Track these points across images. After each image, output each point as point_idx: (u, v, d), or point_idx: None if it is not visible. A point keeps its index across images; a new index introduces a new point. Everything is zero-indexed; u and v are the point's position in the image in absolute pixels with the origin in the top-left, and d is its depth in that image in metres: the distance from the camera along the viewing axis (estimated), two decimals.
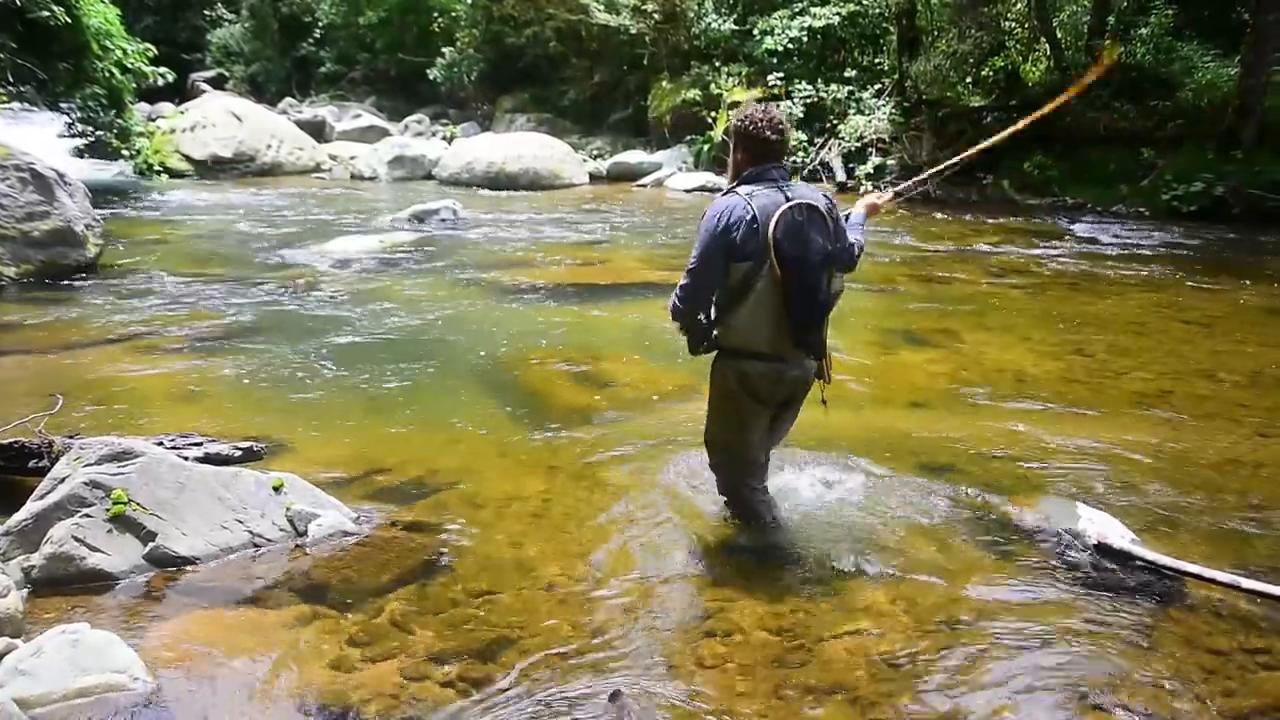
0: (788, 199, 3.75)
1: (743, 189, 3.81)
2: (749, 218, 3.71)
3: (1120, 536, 4.09)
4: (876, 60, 18.84)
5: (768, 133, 3.82)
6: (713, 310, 3.98)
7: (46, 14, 13.30)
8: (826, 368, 4.12)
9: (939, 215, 14.85)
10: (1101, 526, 4.17)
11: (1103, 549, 4.05)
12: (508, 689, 3.18)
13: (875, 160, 16.87)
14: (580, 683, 3.20)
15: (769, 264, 3.73)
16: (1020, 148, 15.97)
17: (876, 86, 17.96)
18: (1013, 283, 10.14)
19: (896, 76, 17.60)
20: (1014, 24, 17.40)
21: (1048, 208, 15.22)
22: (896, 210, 15.34)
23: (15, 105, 18.51)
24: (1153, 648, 3.44)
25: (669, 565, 4.07)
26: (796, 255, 3.72)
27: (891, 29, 18.24)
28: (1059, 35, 16.72)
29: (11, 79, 14.47)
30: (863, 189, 16.64)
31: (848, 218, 4.32)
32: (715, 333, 3.99)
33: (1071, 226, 13.72)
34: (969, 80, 16.41)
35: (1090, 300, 9.35)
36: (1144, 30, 15.92)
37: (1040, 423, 5.78)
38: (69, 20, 13.69)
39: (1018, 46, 17.47)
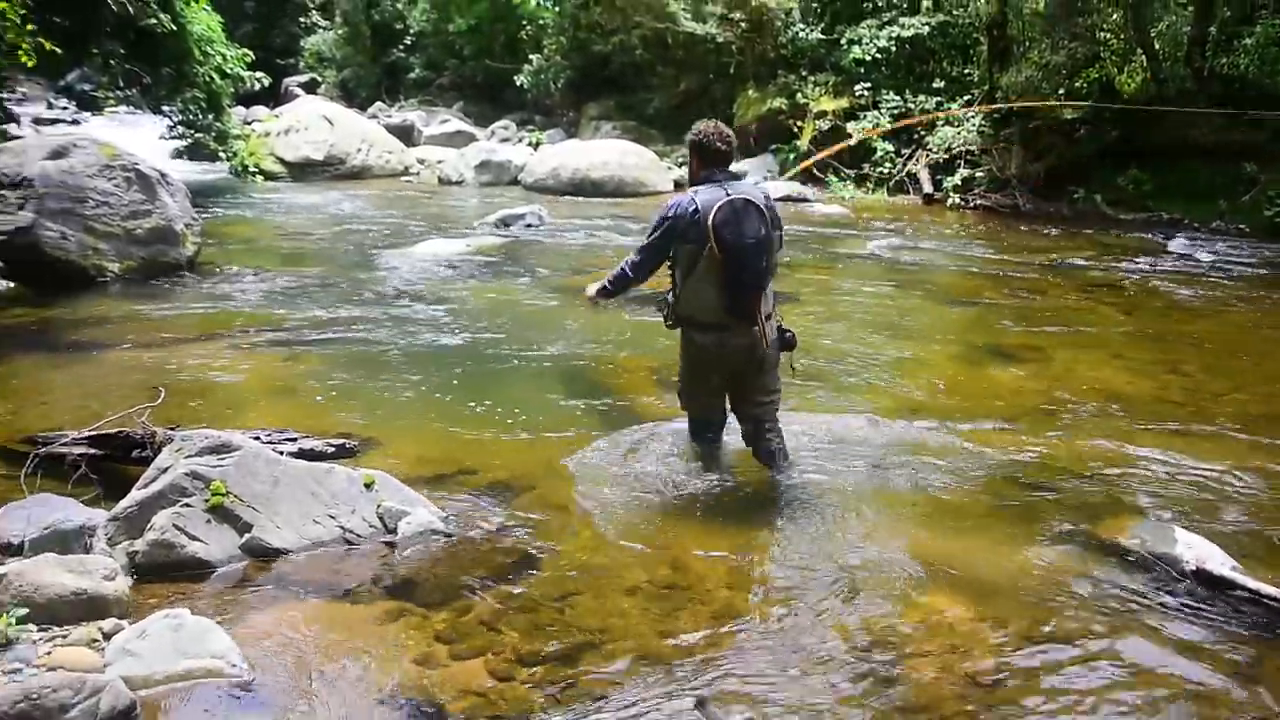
0: (727, 194, 4.56)
1: (692, 189, 4.69)
2: (692, 210, 4.55)
3: (1220, 563, 3.98)
4: (966, 71, 18.58)
5: (718, 144, 4.73)
6: (675, 290, 4.79)
7: (154, 22, 13.75)
8: (766, 333, 4.77)
9: (1026, 228, 14.59)
10: (1200, 552, 4.06)
11: (1201, 576, 3.95)
12: (593, 693, 3.21)
13: (964, 172, 16.62)
14: (664, 689, 3.21)
15: (710, 246, 4.51)
16: (1114, 160, 15.66)
17: (965, 97, 17.71)
18: (1104, 299, 9.92)
19: (986, 87, 17.33)
20: (1109, 35, 17.02)
21: (1141, 223, 14.84)
22: (986, 223, 15.13)
23: (121, 108, 19.22)
24: (1255, 679, 3.35)
25: (754, 573, 4.08)
26: (732, 240, 4.52)
27: (982, 39, 17.96)
28: (1156, 46, 16.32)
29: (120, 83, 15.01)
30: (950, 202, 16.46)
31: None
32: (676, 306, 4.81)
33: (1167, 243, 13.36)
34: (1061, 91, 16.06)
35: (1186, 319, 9.12)
36: (1248, 40, 15.43)
37: (1134, 443, 5.64)
38: (174, 28, 14.15)
39: (1113, 58, 17.08)
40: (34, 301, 8.54)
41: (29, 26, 9.28)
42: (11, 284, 8.69)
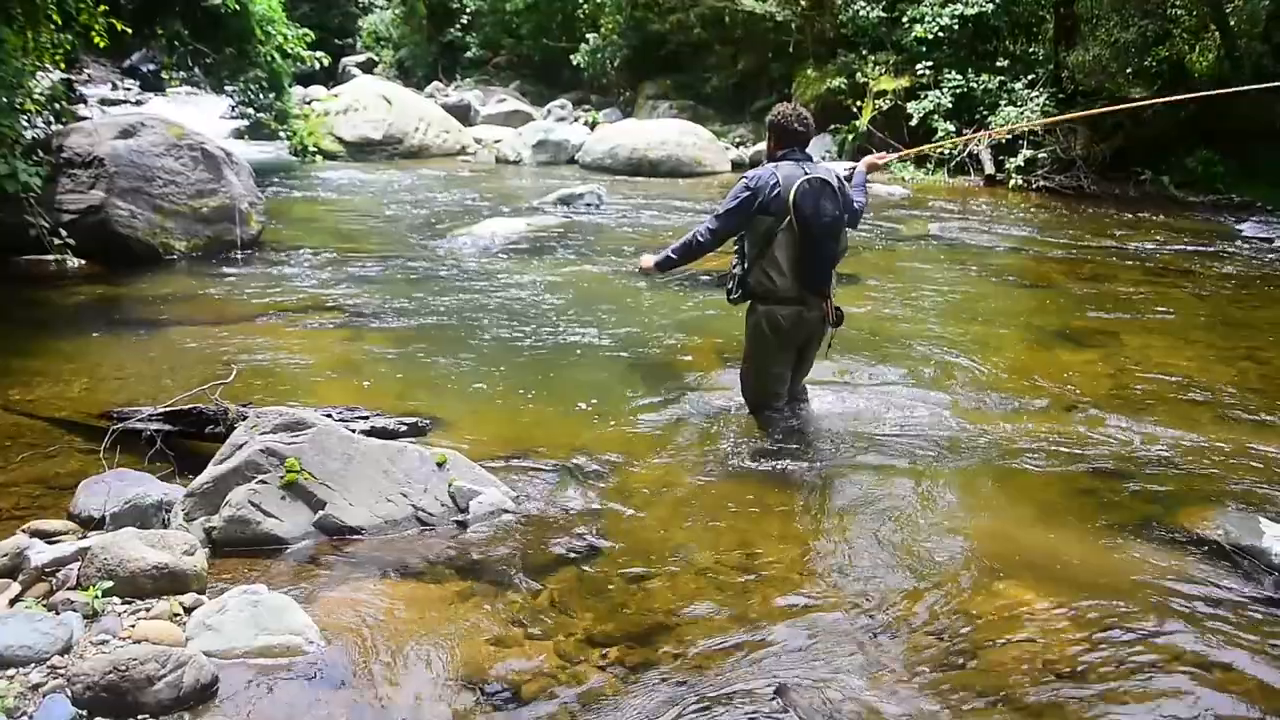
0: (805, 173, 4.83)
1: (772, 164, 4.95)
2: (774, 182, 4.82)
3: None
4: (1030, 50, 18.22)
5: (795, 125, 4.99)
6: (745, 265, 5.02)
7: (219, 2, 13.87)
8: (831, 309, 5.08)
9: (1094, 211, 14.31)
10: None
11: None
12: (666, 677, 3.19)
13: (1026, 153, 16.31)
14: (740, 675, 3.18)
15: (789, 220, 4.78)
16: (1183, 142, 15.29)
17: (1030, 77, 17.34)
18: (1176, 283, 9.69)
19: (1052, 66, 16.99)
20: (1181, 11, 16.57)
21: (1212, 205, 14.49)
22: (1050, 205, 14.87)
23: (184, 88, 19.47)
24: None
25: (827, 558, 4.04)
26: (810, 216, 4.79)
27: (1048, 17, 17.61)
28: (1232, 23, 15.88)
29: (184, 63, 15.19)
30: (1012, 183, 16.17)
31: (850, 177, 5.41)
32: (750, 282, 5.00)
33: (1239, 226, 13.03)
34: (1130, 71, 15.70)
35: (1262, 304, 8.90)
36: None
37: (1213, 430, 5.51)
38: (237, 7, 14.25)
39: (1184, 35, 16.64)
40: (104, 279, 8.68)
41: (101, 8, 9.39)
42: (82, 261, 8.84)
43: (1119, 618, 3.57)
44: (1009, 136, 16.56)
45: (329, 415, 4.69)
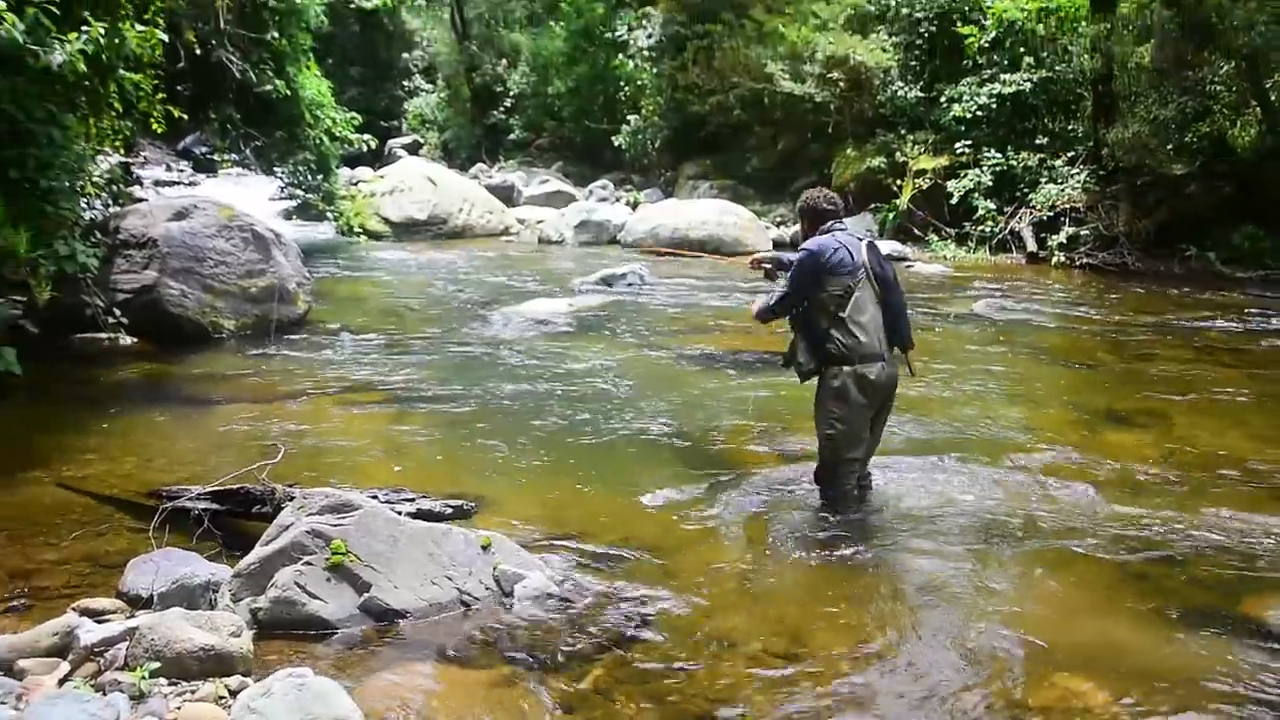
0: (859, 238, 5.09)
1: (825, 235, 5.09)
2: (837, 247, 4.98)
3: None
4: (1069, 127, 18.26)
5: (824, 204, 5.23)
6: (817, 334, 5.03)
7: (270, 88, 14.31)
8: (910, 361, 5.32)
9: (1139, 288, 14.19)
10: None
11: None
12: None
13: (1069, 230, 16.27)
14: None
15: (865, 279, 4.95)
16: (1228, 217, 15.17)
17: (1070, 154, 17.39)
18: (1224, 361, 9.55)
19: (1091, 143, 17.01)
20: (1220, 87, 16.58)
21: (1259, 281, 14.31)
22: (1093, 283, 14.78)
23: (235, 170, 19.97)
24: None
25: (877, 647, 3.96)
26: (880, 273, 5.03)
27: (1086, 95, 17.67)
28: (1272, 98, 15.85)
29: (236, 146, 15.64)
30: (1054, 260, 16.11)
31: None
32: (830, 347, 4.98)
33: None
34: (1170, 147, 15.68)
35: None
36: None
37: (1267, 513, 5.38)
38: (288, 93, 14.70)
39: (1225, 110, 16.63)
40: (155, 357, 8.85)
41: (160, 96, 9.70)
42: (134, 340, 9.01)
43: (1178, 713, 3.46)
44: (1049, 214, 16.55)
45: (374, 497, 4.71)
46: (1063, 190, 16.69)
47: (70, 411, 7.21)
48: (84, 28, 7.49)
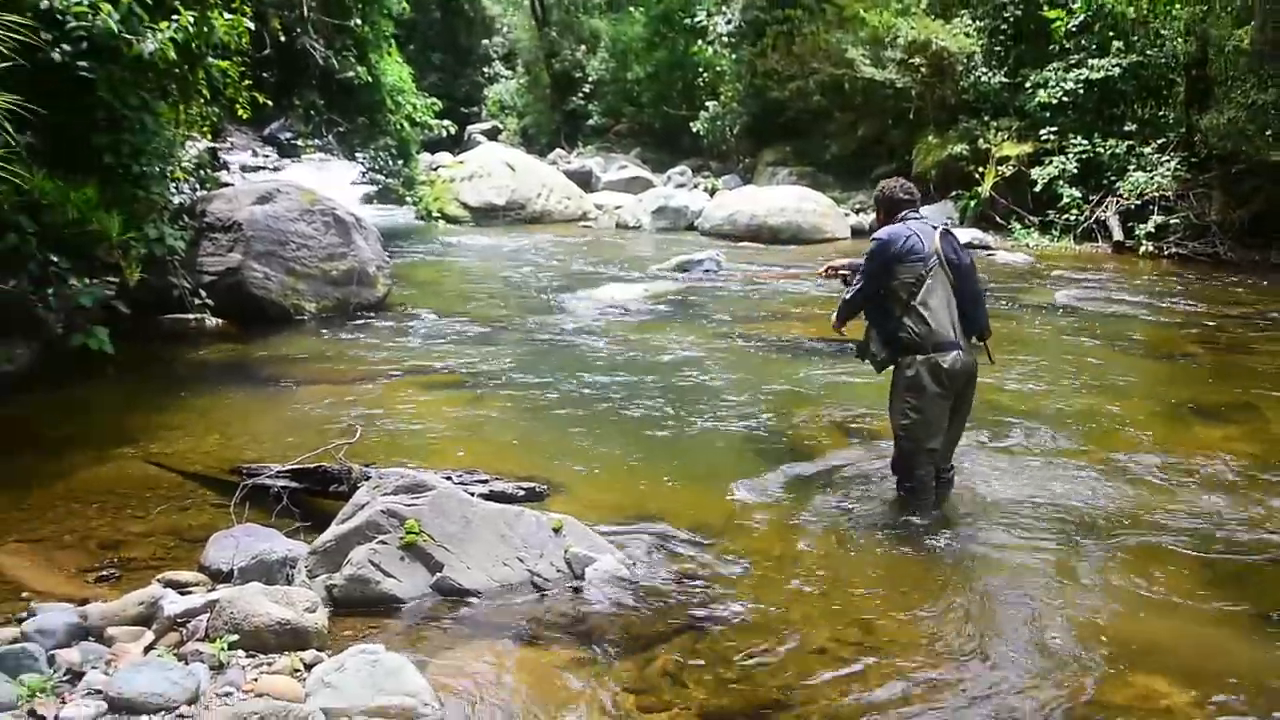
0: (933, 226, 5.03)
1: (896, 224, 5.05)
2: (909, 235, 4.93)
3: None
4: (1160, 113, 17.74)
5: (900, 193, 5.17)
6: (891, 323, 4.97)
7: (352, 74, 14.52)
8: (989, 349, 5.34)
9: (1229, 278, 13.75)
10: None
11: None
12: None
13: (1157, 219, 15.82)
14: None
15: (937, 266, 4.89)
16: None
17: (1160, 141, 16.89)
18: None
19: (1183, 130, 16.52)
20: None
21: None
22: (1183, 273, 14.36)
23: (318, 155, 20.33)
24: None
25: (951, 640, 3.90)
26: (955, 261, 4.97)
27: (1178, 80, 17.15)
28: None
29: (320, 132, 15.91)
30: (1142, 250, 15.69)
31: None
32: (902, 335, 4.93)
33: None
34: (1269, 133, 15.13)
35: None
36: None
37: None
38: (370, 79, 14.90)
39: None
40: (238, 338, 9.06)
41: (245, 82, 9.90)
42: (220, 321, 9.23)
43: (1261, 716, 3.36)
44: (1137, 202, 16.12)
45: (448, 478, 4.76)
46: (1152, 178, 16.23)
47: (158, 390, 7.42)
48: (174, 17, 7.67)
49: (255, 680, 3.29)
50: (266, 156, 26.51)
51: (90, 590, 4.14)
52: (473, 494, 4.61)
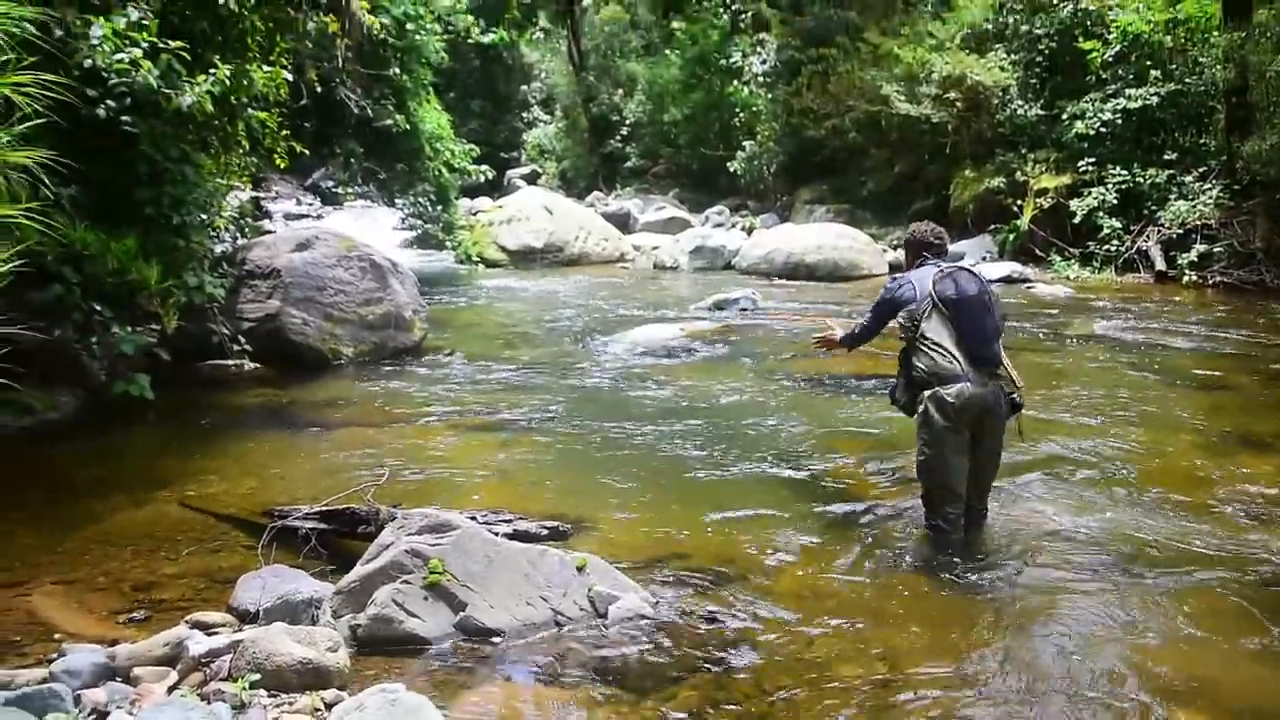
0: (939, 269, 5.14)
1: (912, 270, 5.36)
2: (907, 285, 5.20)
3: None
4: (1200, 141, 17.55)
5: (930, 238, 5.39)
6: (906, 364, 5.18)
7: (390, 123, 14.79)
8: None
9: (1276, 306, 13.50)
10: None
11: None
12: None
13: (1200, 248, 15.62)
14: None
15: (930, 305, 5.01)
16: None
17: (1201, 169, 16.71)
18: None
19: (1225, 157, 16.33)
20: None
21: None
22: (1227, 302, 14.14)
23: (359, 203, 20.65)
24: None
25: (980, 679, 3.83)
26: (951, 295, 5.01)
27: (1219, 107, 16.98)
28: None
29: (359, 180, 16.19)
30: (1185, 280, 15.48)
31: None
32: (915, 375, 5.08)
33: None
34: None
35: None
36: None
37: None
38: (408, 127, 15.17)
39: None
40: (276, 382, 9.17)
41: (284, 132, 10.11)
42: (258, 366, 9.37)
43: None
44: (1179, 231, 15.93)
45: (473, 518, 4.78)
46: (1194, 207, 16.04)
47: (196, 434, 7.53)
48: (211, 71, 7.86)
49: (276, 719, 3.31)
50: (310, 205, 27.01)
51: (120, 631, 4.19)
52: (497, 533, 4.62)
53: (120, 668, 3.68)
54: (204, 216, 8.68)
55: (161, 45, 7.46)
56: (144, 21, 7.44)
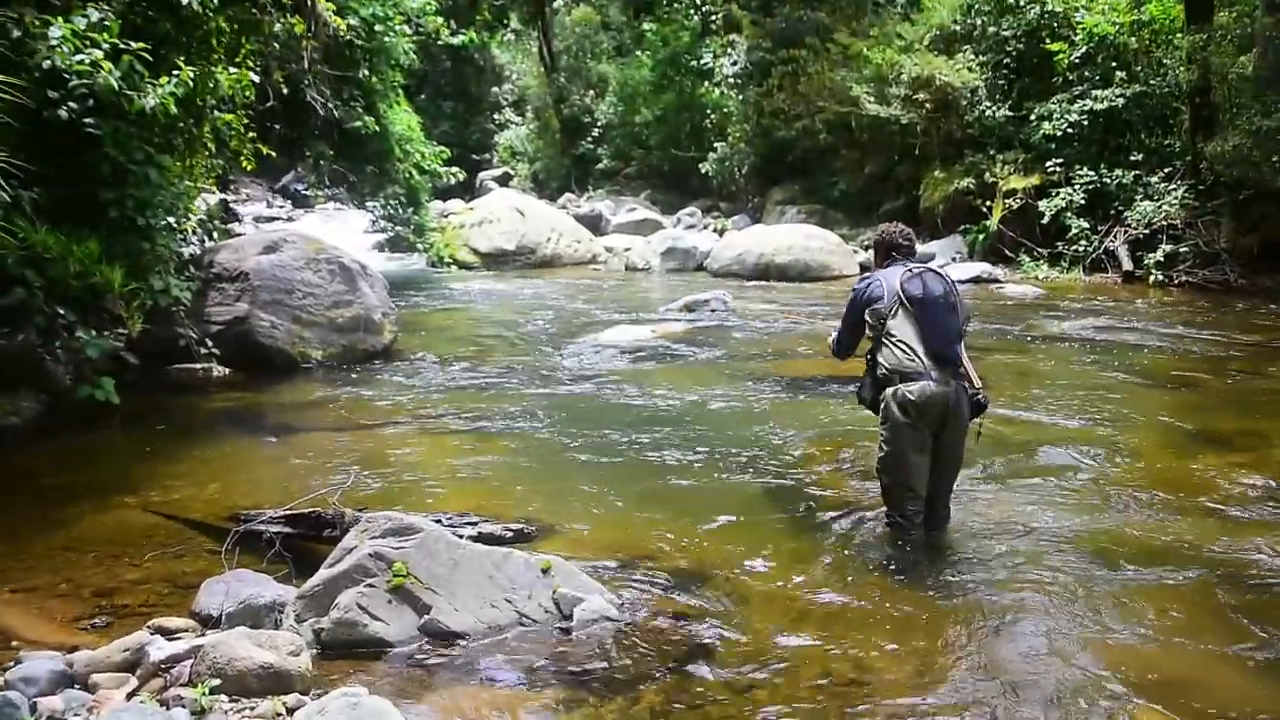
0: (908, 269, 5.19)
1: (880, 270, 5.40)
2: (874, 281, 5.27)
3: None
4: (1165, 142, 17.72)
5: (899, 239, 5.44)
6: (872, 362, 5.23)
7: (360, 124, 14.73)
8: (962, 385, 5.10)
9: (1243, 306, 13.67)
10: None
11: None
12: None
13: (1166, 248, 15.77)
14: None
15: (898, 303, 5.06)
16: None
17: (1166, 169, 16.87)
18: None
19: (1189, 158, 16.50)
20: None
21: None
22: (1193, 301, 14.30)
23: (330, 205, 20.56)
24: None
25: (945, 677, 3.85)
26: (918, 295, 5.06)
27: (1183, 108, 17.16)
28: None
29: (329, 182, 16.12)
30: (1152, 279, 15.64)
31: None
32: (879, 372, 5.14)
33: None
34: (1276, 159, 15.09)
35: None
36: None
37: None
38: (378, 129, 15.10)
39: None
40: (244, 386, 9.11)
41: (250, 134, 10.05)
42: (226, 370, 9.31)
43: None
44: (1145, 231, 16.09)
45: (438, 521, 4.77)
46: (1159, 207, 16.21)
47: (162, 439, 7.46)
48: (175, 72, 7.80)
49: None
50: (281, 208, 26.87)
51: (81, 638, 4.15)
52: (462, 536, 4.60)
53: (78, 675, 3.64)
54: (170, 219, 8.59)
55: (123, 46, 7.39)
56: (105, 22, 7.37)
